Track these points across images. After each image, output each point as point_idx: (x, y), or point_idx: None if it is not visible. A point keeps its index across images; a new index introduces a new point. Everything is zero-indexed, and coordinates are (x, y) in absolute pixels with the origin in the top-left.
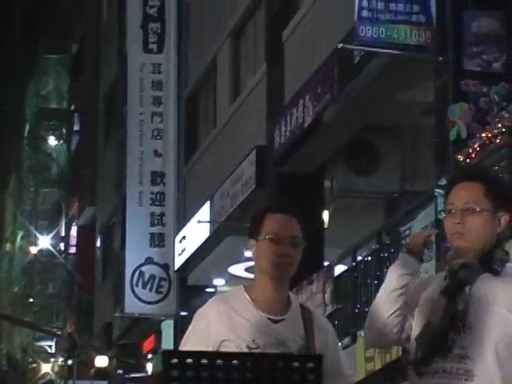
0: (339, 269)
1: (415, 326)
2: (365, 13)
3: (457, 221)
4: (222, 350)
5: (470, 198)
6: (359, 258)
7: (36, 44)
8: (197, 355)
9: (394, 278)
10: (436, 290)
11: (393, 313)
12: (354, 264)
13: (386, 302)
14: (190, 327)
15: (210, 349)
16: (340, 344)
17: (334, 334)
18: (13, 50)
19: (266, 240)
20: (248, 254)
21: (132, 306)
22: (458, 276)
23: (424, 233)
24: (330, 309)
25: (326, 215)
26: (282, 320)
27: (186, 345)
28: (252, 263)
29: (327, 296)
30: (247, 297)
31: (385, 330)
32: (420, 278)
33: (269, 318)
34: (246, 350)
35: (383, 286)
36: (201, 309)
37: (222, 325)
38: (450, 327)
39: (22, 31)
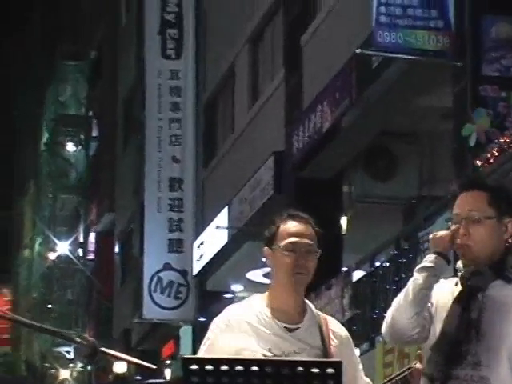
0: (358, 274)
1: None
2: (383, 18)
3: (463, 232)
4: None
5: (473, 208)
6: (378, 263)
7: (54, 50)
8: (217, 361)
9: (421, 277)
10: (448, 298)
11: (418, 312)
12: (372, 269)
13: (412, 300)
14: (207, 336)
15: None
16: (358, 349)
17: (350, 340)
18: (30, 57)
19: (281, 249)
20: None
21: (150, 311)
22: (469, 283)
23: (448, 232)
24: (348, 314)
25: (344, 221)
26: (298, 328)
27: (203, 353)
28: (270, 269)
29: (346, 301)
30: (263, 305)
31: (407, 327)
32: None
33: (285, 327)
34: None
35: (410, 284)
36: (216, 318)
37: (237, 334)
38: (465, 336)
39: (40, 37)
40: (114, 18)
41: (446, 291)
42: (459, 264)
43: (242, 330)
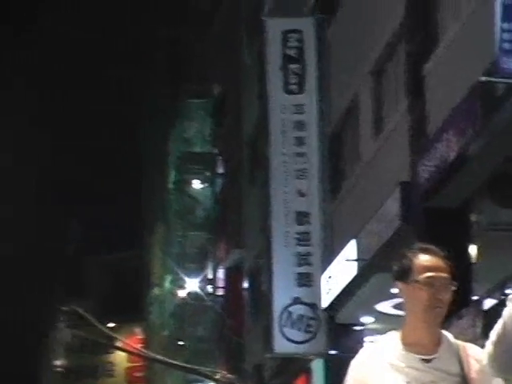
0: (489, 303)
1: None
2: (507, 45)
3: None
4: None
5: None
6: (509, 291)
7: (179, 89)
8: None
9: None
10: None
11: None
12: (503, 298)
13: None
14: (346, 378)
15: None
16: None
17: None
18: (156, 96)
19: (418, 284)
20: (395, 290)
21: (281, 346)
22: None
23: None
24: (481, 343)
25: (473, 250)
26: (435, 358)
27: None
28: (400, 300)
29: (478, 331)
30: (398, 340)
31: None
32: None
33: (421, 359)
34: None
35: (506, 315)
36: (353, 360)
37: (375, 371)
38: None
39: (165, 76)
40: (236, 56)
41: None
42: None
43: (379, 366)
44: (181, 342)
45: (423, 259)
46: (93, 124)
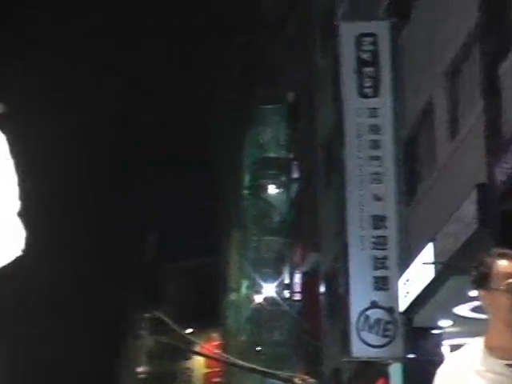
0: None
1: None
2: None
3: None
4: None
5: None
6: None
7: (253, 95)
8: None
9: None
10: None
11: None
12: None
13: None
14: None
15: None
16: None
17: None
18: (231, 102)
19: (501, 291)
20: (473, 293)
21: (359, 350)
22: None
23: None
24: None
25: None
26: None
27: None
28: (478, 303)
29: None
30: (481, 347)
31: None
32: None
33: (507, 364)
34: None
35: None
36: (439, 368)
37: (459, 380)
38: None
39: (240, 82)
40: (309, 60)
41: None
42: None
43: (463, 373)
44: (258, 347)
45: (502, 265)
46: (168, 130)
